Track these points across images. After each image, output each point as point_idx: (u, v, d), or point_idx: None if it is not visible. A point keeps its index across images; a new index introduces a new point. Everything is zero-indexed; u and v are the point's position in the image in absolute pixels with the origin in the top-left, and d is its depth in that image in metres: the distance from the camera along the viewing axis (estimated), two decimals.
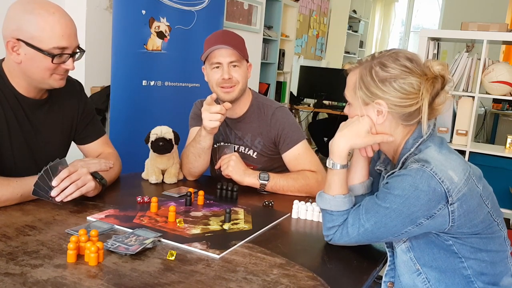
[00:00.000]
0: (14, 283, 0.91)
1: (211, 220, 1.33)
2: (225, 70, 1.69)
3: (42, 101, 1.49)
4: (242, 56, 1.71)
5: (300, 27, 6.29)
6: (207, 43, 1.73)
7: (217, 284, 0.97)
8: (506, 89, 2.91)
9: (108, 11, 2.74)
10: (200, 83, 3.06)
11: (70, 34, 1.36)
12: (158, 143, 1.67)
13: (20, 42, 1.32)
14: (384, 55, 1.15)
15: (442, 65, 1.13)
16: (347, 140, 1.16)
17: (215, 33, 1.79)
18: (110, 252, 1.07)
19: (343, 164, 1.18)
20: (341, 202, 1.17)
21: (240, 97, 1.76)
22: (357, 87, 1.16)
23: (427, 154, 1.10)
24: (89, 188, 1.37)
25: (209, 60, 1.71)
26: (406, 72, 1.11)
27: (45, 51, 1.33)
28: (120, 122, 2.66)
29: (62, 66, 1.38)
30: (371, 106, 1.14)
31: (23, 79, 1.41)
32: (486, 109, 6.33)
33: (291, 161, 1.77)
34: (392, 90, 1.11)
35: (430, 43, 3.10)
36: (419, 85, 1.10)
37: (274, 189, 1.66)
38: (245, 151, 1.82)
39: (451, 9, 7.64)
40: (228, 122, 1.83)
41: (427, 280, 1.13)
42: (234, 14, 3.83)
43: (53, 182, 1.31)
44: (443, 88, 1.14)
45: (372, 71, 1.13)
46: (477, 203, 1.08)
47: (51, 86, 1.43)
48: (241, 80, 1.72)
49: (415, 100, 1.10)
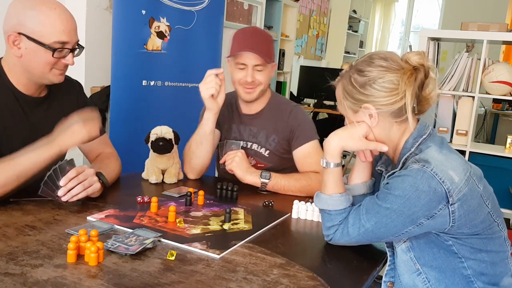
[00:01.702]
0: (14, 283, 0.91)
1: (211, 220, 1.33)
2: (249, 73, 1.71)
3: (41, 99, 1.50)
4: (268, 60, 1.72)
5: (300, 27, 6.29)
6: (236, 39, 1.74)
7: (217, 284, 0.97)
8: (506, 89, 2.91)
9: (108, 11, 2.74)
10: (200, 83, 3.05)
11: (70, 29, 1.39)
12: (158, 143, 1.67)
13: (21, 36, 1.34)
14: (359, 62, 1.17)
15: (419, 54, 1.14)
16: (339, 140, 1.18)
17: (246, 31, 1.79)
18: (110, 252, 1.07)
19: (336, 163, 1.19)
20: (338, 201, 1.18)
21: (261, 96, 1.79)
22: (343, 98, 1.18)
23: (427, 154, 1.10)
24: (95, 190, 1.39)
25: (235, 58, 1.73)
26: (382, 71, 1.12)
27: (46, 45, 1.34)
28: (120, 122, 2.65)
29: (62, 61, 1.40)
30: (361, 112, 1.16)
31: (23, 75, 1.42)
32: (486, 109, 6.33)
33: (300, 159, 1.77)
34: (375, 92, 1.12)
35: (430, 43, 3.10)
36: (399, 79, 1.11)
37: (275, 189, 1.66)
38: (257, 149, 1.83)
39: (451, 9, 7.63)
40: (243, 119, 1.85)
41: (427, 280, 1.13)
42: (234, 14, 3.83)
43: (60, 182, 1.32)
44: (427, 76, 1.15)
45: (352, 79, 1.16)
46: (478, 203, 1.08)
47: (51, 81, 1.44)
48: (263, 82, 1.74)
49: (399, 95, 1.11)
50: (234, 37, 1.76)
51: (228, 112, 1.87)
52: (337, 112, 1.28)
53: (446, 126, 3.09)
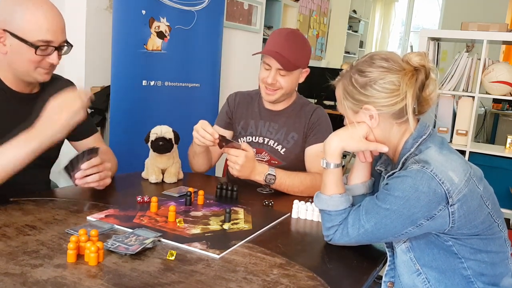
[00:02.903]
0: (14, 283, 0.91)
1: (211, 220, 1.33)
2: (271, 75, 1.71)
3: (32, 96, 1.49)
4: (291, 68, 1.71)
5: (300, 27, 6.29)
6: (271, 38, 1.74)
7: (217, 284, 0.97)
8: (506, 89, 2.91)
9: (108, 11, 2.73)
10: (200, 83, 3.05)
11: (56, 28, 1.37)
12: (158, 142, 1.67)
13: (6, 33, 1.34)
14: (360, 62, 1.17)
15: (420, 55, 1.14)
16: (339, 140, 1.18)
17: (282, 33, 1.76)
18: (110, 252, 1.07)
19: (337, 163, 1.18)
20: (338, 201, 1.17)
21: (282, 100, 1.80)
22: (343, 98, 1.18)
23: (427, 154, 1.09)
24: (105, 184, 1.43)
25: (264, 57, 1.73)
26: (383, 72, 1.12)
27: (29, 42, 1.33)
28: (120, 122, 2.65)
29: (47, 59, 1.39)
30: (361, 113, 1.15)
31: (10, 72, 1.42)
32: (486, 109, 6.33)
33: (310, 157, 1.77)
34: (376, 92, 1.12)
35: (430, 43, 3.10)
36: (400, 80, 1.11)
37: (281, 188, 1.65)
38: (273, 145, 1.82)
39: (451, 9, 7.63)
40: (265, 113, 1.85)
41: (427, 280, 1.13)
42: (234, 14, 3.82)
43: (83, 165, 1.35)
44: (427, 77, 1.15)
45: (352, 80, 1.16)
46: (478, 204, 1.08)
47: (36, 80, 1.44)
48: (285, 87, 1.74)
49: (400, 96, 1.11)
50: (270, 35, 1.76)
51: (246, 109, 1.89)
52: (337, 112, 1.26)
53: (446, 126, 3.09)
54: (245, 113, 1.88)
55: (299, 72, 1.77)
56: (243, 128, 1.86)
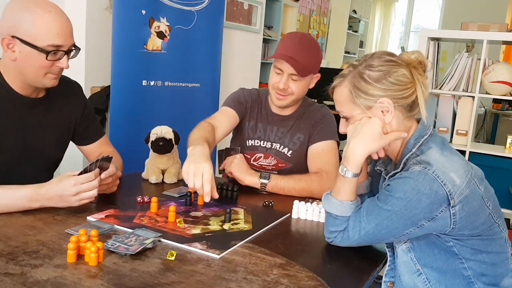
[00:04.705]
0: (14, 283, 0.91)
1: (211, 220, 1.33)
2: (283, 80, 1.69)
3: (39, 100, 1.49)
4: (304, 74, 1.69)
5: (300, 27, 6.29)
6: (282, 42, 1.73)
7: (217, 284, 0.97)
8: (506, 89, 2.91)
9: (108, 11, 2.74)
10: (200, 83, 3.05)
11: (65, 33, 1.36)
12: (158, 143, 1.67)
13: (15, 39, 1.32)
14: (366, 59, 1.17)
15: (418, 53, 1.16)
16: (364, 147, 1.14)
17: (294, 37, 1.72)
18: (110, 252, 1.07)
19: (356, 173, 1.16)
20: (348, 208, 1.17)
21: (292, 105, 1.79)
22: (353, 96, 1.15)
23: (429, 155, 1.09)
24: (112, 191, 1.48)
25: (275, 61, 1.71)
26: (394, 65, 1.13)
27: (40, 48, 1.32)
28: (120, 122, 2.66)
29: (57, 64, 1.38)
30: (375, 108, 1.14)
31: (18, 77, 1.41)
32: (486, 109, 6.32)
33: (312, 154, 1.77)
34: (391, 85, 1.12)
35: (430, 43, 3.10)
36: (410, 73, 1.12)
37: (274, 190, 1.65)
38: (279, 149, 1.82)
39: (451, 9, 7.63)
40: (273, 118, 1.84)
41: (427, 280, 1.13)
42: (234, 14, 3.82)
43: (102, 175, 1.37)
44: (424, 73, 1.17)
45: (364, 75, 1.14)
46: (479, 205, 1.08)
47: (44, 85, 1.43)
48: (296, 92, 1.73)
49: (412, 89, 1.13)
50: (281, 39, 1.75)
51: (257, 109, 1.87)
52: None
53: (446, 126, 3.09)
54: (255, 113, 1.86)
55: (311, 77, 1.75)
56: (251, 129, 1.84)
